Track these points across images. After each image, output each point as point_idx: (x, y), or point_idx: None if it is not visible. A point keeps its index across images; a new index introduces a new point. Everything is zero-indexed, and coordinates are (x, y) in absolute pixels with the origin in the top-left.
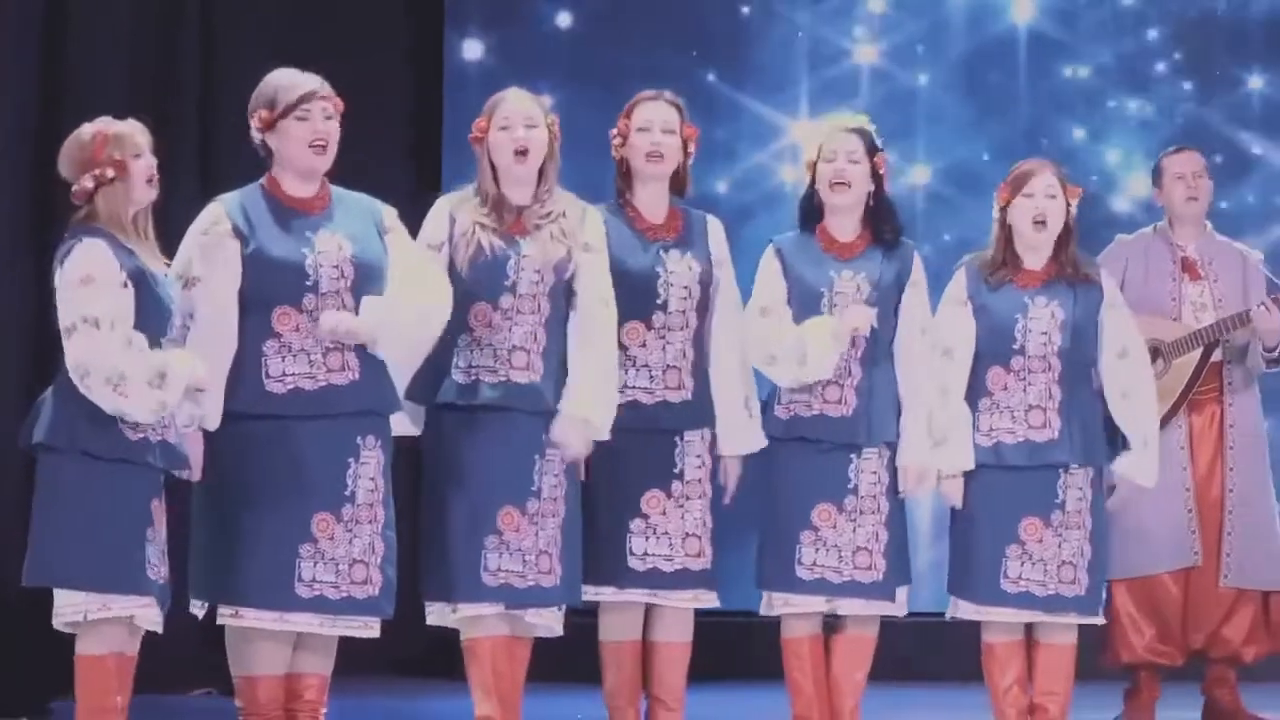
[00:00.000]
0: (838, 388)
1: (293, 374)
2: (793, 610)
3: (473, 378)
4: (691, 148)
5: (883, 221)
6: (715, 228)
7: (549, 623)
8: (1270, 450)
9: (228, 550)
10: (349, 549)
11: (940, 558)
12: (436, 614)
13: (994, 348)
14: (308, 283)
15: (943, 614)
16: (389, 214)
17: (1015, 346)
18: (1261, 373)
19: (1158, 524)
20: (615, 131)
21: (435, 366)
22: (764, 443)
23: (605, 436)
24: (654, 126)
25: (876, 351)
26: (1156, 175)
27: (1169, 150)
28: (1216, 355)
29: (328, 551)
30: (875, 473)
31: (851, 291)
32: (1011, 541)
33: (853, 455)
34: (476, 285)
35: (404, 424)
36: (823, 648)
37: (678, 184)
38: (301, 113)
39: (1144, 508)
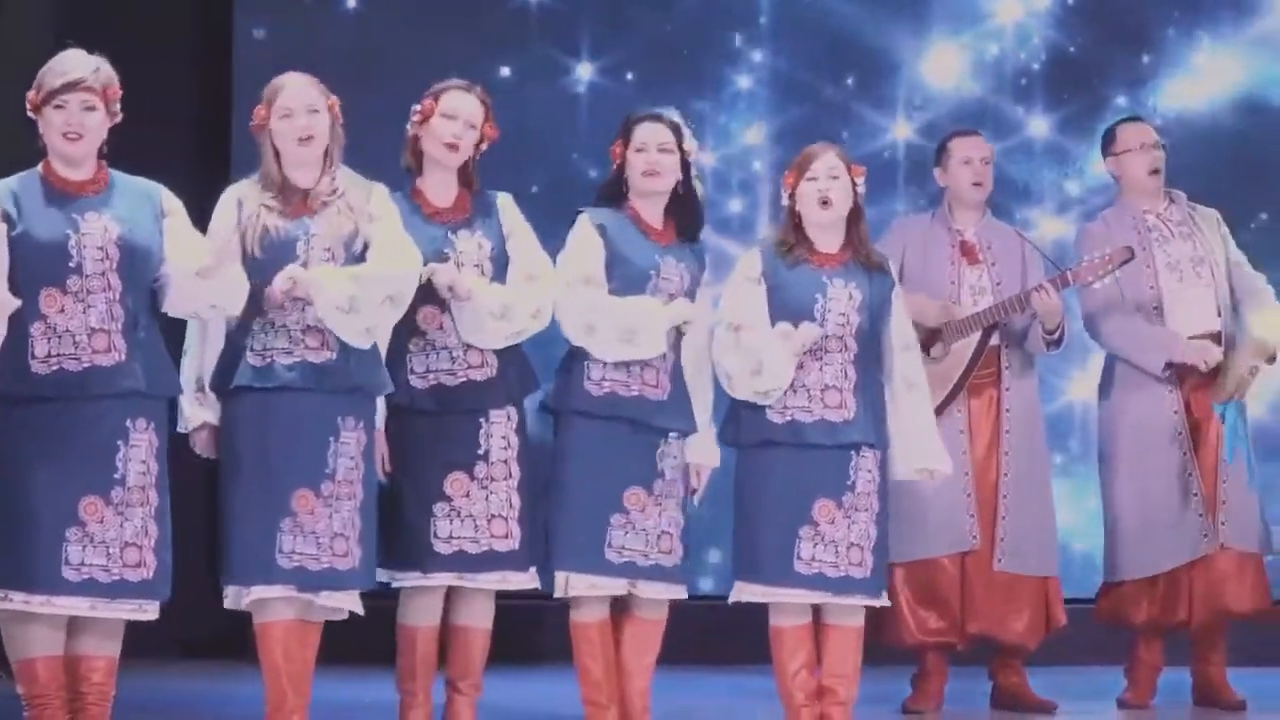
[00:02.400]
0: (654, 370)
1: (57, 355)
2: (599, 593)
3: (268, 360)
4: (484, 146)
5: (688, 215)
6: (506, 203)
7: (345, 605)
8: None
9: None
10: (120, 532)
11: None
12: (232, 597)
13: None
14: (71, 264)
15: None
16: (168, 198)
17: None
18: (1042, 354)
19: (936, 508)
20: (418, 111)
21: (232, 351)
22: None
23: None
24: (460, 116)
25: (679, 340)
26: (941, 156)
27: (956, 132)
28: (995, 339)
29: (97, 534)
30: (676, 457)
31: (677, 279)
32: (805, 523)
33: (659, 440)
34: (269, 267)
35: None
36: (611, 631)
37: (465, 176)
38: (60, 101)
39: (922, 491)
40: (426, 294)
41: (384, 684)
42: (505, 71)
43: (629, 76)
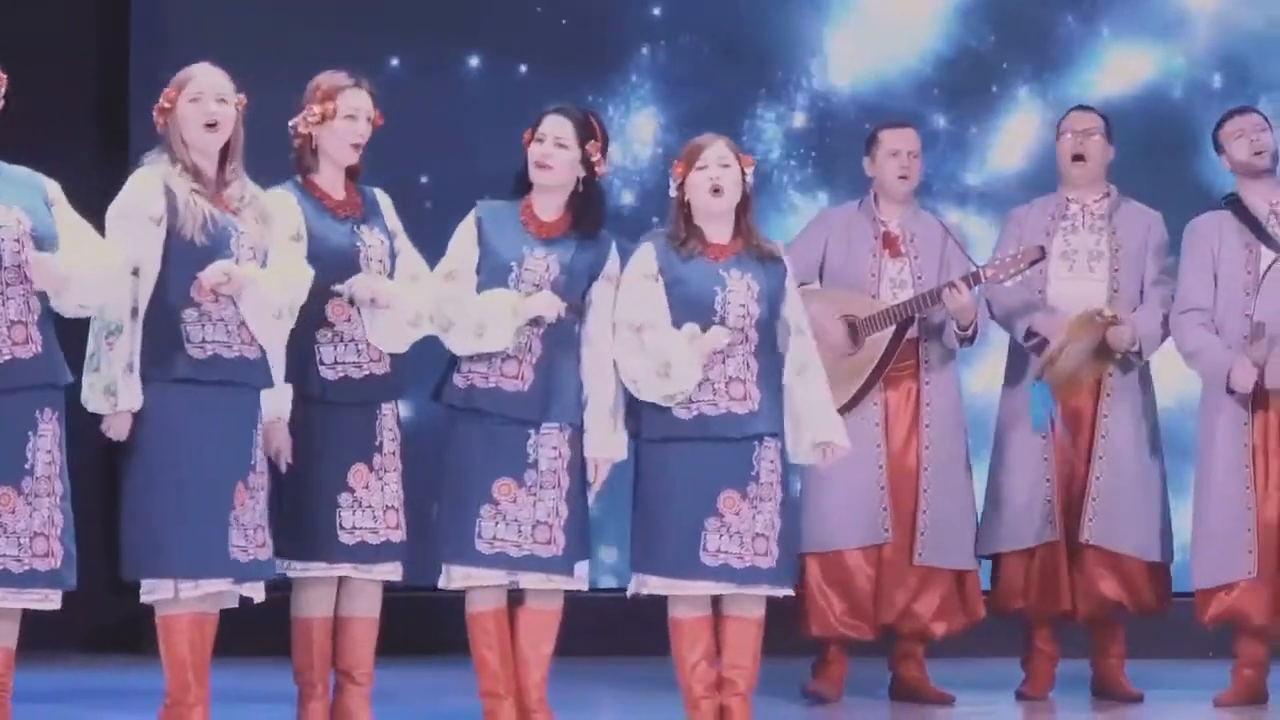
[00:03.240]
0: (516, 362)
1: None
2: (475, 584)
3: (209, 353)
4: (370, 129)
5: (586, 209)
6: (386, 199)
7: (251, 594)
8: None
9: None
10: (29, 522)
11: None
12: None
13: (692, 320)
14: None
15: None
16: (51, 185)
17: (715, 319)
18: (957, 350)
19: (850, 500)
20: (316, 111)
21: (167, 342)
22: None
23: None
24: (361, 116)
25: (560, 332)
26: (870, 147)
27: (887, 122)
28: (913, 332)
29: (9, 525)
30: (556, 448)
31: (540, 270)
32: (710, 515)
33: (531, 431)
34: (210, 255)
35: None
36: (508, 622)
37: (352, 169)
38: None
39: (836, 483)
40: (334, 285)
41: (280, 676)
42: (395, 62)
43: (522, 69)
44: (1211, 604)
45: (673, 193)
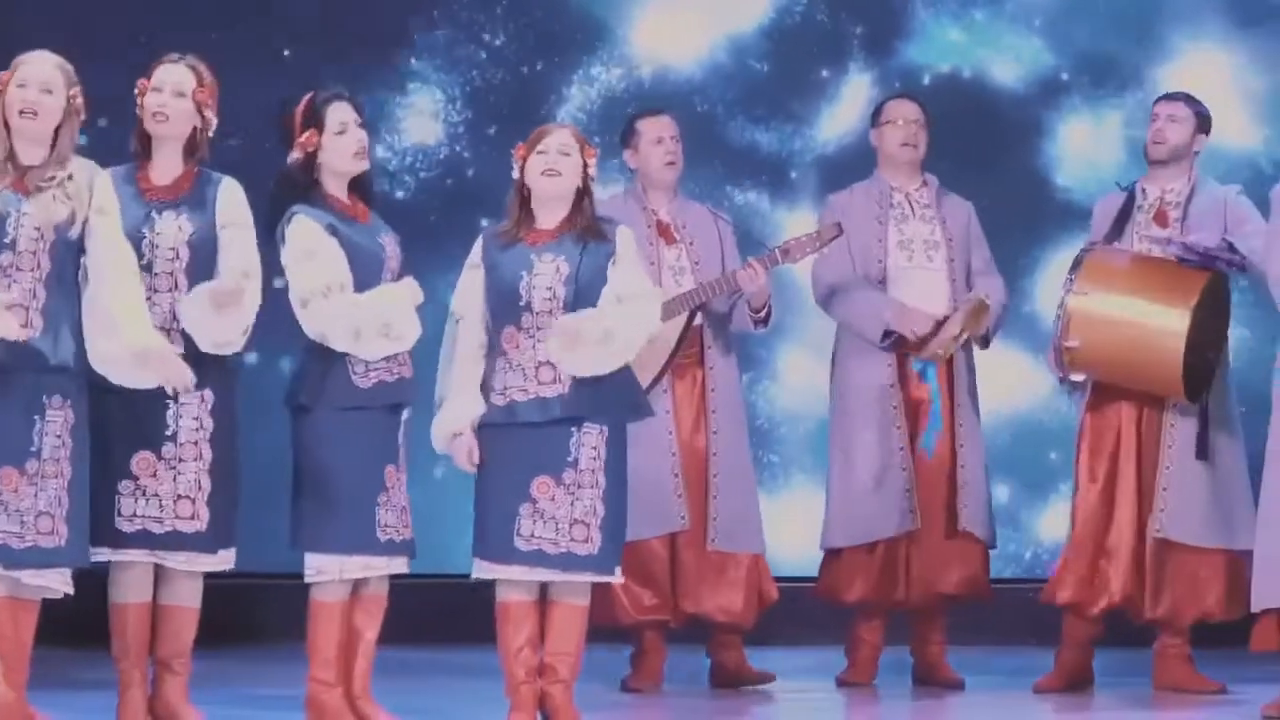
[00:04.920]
0: (407, 352)
1: None
2: (373, 573)
3: None
4: (208, 114)
5: (368, 191)
6: (227, 187)
7: (53, 584)
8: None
9: None
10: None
11: None
12: None
13: (504, 307)
14: None
15: (459, 575)
16: None
17: (521, 304)
18: (749, 333)
19: (645, 489)
20: (138, 91)
21: None
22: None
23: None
24: (165, 88)
25: None
26: (630, 138)
27: (643, 112)
28: (698, 319)
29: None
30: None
31: (397, 257)
32: (524, 500)
33: (398, 418)
34: None
35: None
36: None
37: (191, 152)
38: None
39: (632, 474)
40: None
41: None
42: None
43: (285, 52)
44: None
45: (514, 175)
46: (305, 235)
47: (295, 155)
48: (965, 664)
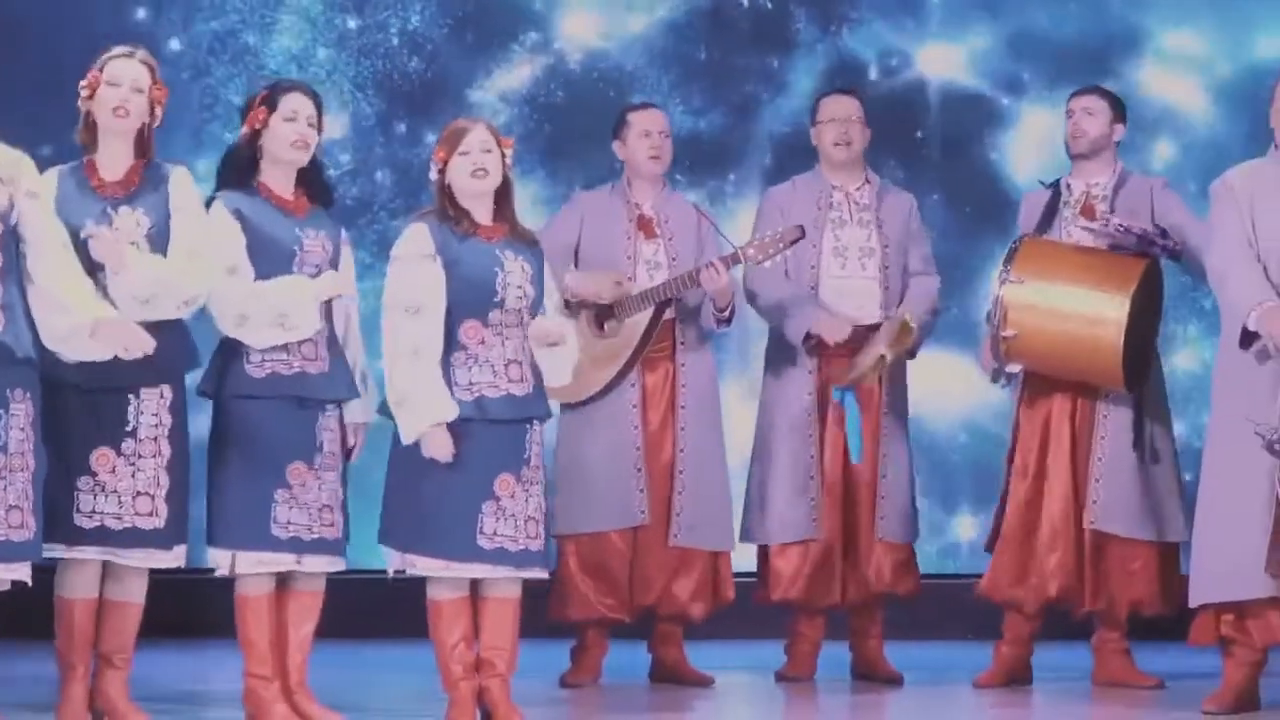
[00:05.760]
0: (313, 345)
1: None
2: (267, 569)
3: None
4: (159, 110)
5: (319, 183)
6: (179, 176)
7: (20, 576)
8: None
9: None
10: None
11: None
12: None
13: (471, 301)
14: None
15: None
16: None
17: (496, 300)
18: (714, 332)
19: (606, 482)
20: (86, 85)
21: None
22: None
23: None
24: (123, 83)
25: (332, 310)
26: (620, 129)
27: (634, 105)
28: (670, 314)
29: None
30: (333, 430)
31: (319, 250)
32: (488, 498)
33: (318, 412)
34: None
35: None
36: (275, 605)
37: (141, 146)
38: None
39: (593, 466)
40: (89, 266)
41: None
42: (141, 15)
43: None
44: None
45: (433, 176)
46: (214, 218)
47: (244, 131)
48: (906, 659)
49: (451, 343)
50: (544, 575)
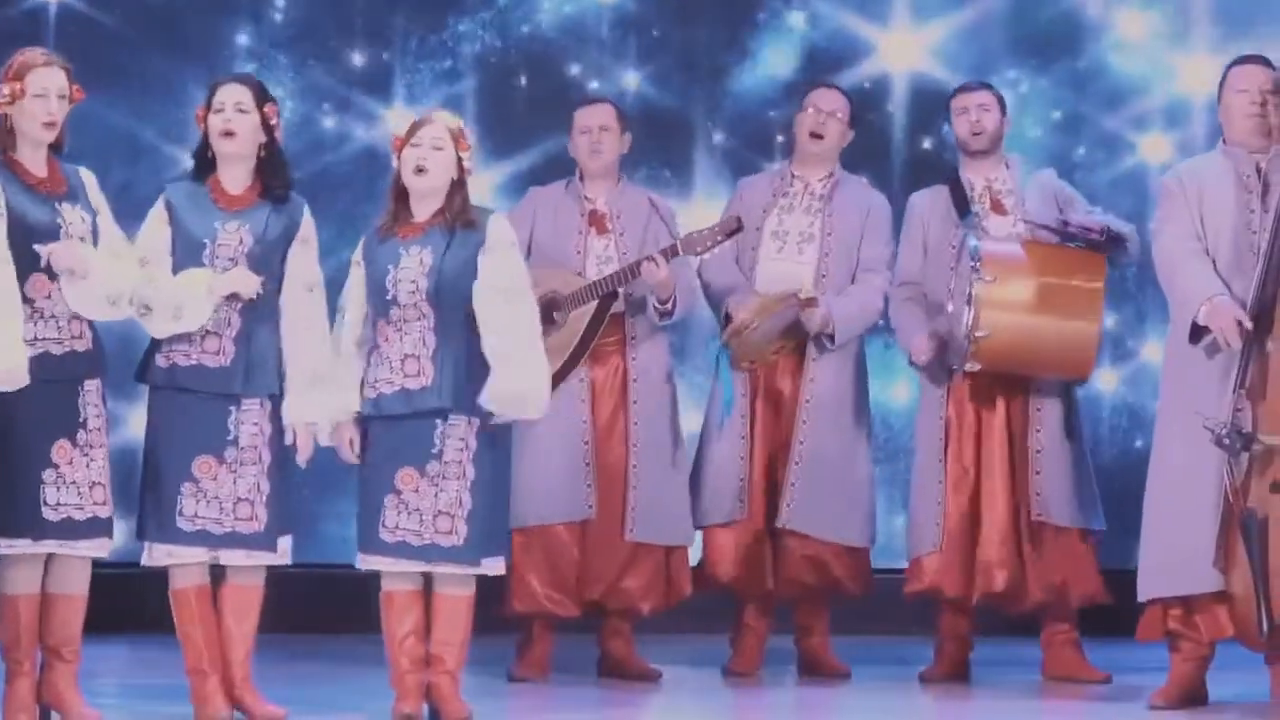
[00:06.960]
0: (216, 338)
1: None
2: (176, 562)
3: None
4: (66, 106)
5: (273, 175)
6: (89, 178)
7: None
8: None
9: None
10: None
11: None
12: None
13: (375, 302)
14: None
15: (347, 565)
16: None
17: (389, 298)
18: (657, 325)
19: (553, 475)
20: (6, 91)
21: None
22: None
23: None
24: (51, 93)
25: (260, 304)
26: (569, 127)
27: (583, 100)
28: (619, 307)
29: None
30: (256, 424)
31: (234, 244)
32: (389, 491)
33: (231, 406)
34: None
35: None
36: (210, 598)
37: (56, 144)
38: None
39: (540, 459)
40: (34, 262)
41: None
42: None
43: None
44: (911, 579)
45: (394, 164)
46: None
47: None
48: (853, 653)
49: (371, 344)
50: (463, 570)
